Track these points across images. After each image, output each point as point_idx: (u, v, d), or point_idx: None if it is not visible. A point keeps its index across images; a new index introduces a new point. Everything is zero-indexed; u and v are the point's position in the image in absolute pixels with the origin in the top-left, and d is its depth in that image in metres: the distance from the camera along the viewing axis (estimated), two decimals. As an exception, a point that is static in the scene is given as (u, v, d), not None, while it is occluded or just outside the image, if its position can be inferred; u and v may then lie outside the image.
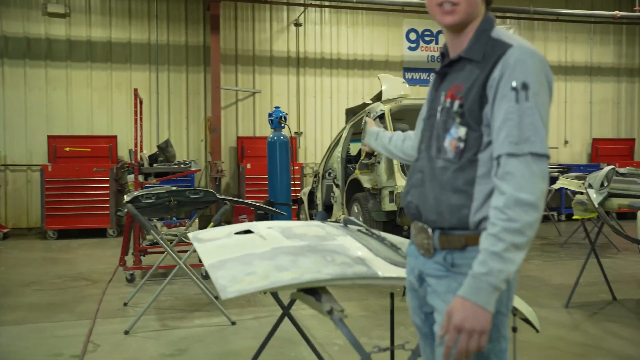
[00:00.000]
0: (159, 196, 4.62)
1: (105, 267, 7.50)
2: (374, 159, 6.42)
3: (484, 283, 1.41)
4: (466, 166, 1.54)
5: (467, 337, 1.40)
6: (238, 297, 5.21)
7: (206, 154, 11.58)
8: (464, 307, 1.41)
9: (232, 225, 2.76)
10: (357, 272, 1.92)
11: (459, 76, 1.59)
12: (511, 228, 1.40)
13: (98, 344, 4.26)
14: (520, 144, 1.43)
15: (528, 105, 1.44)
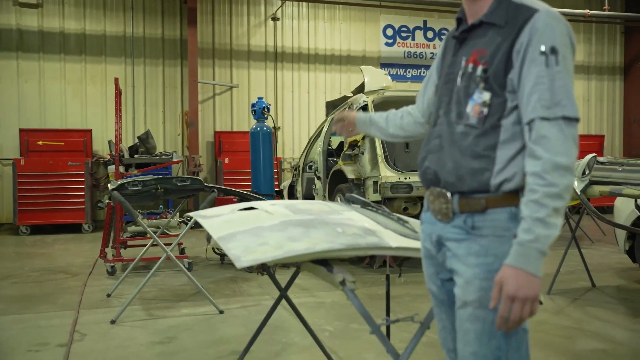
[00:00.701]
0: (146, 183, 4.56)
1: (83, 260, 7.38)
2: (357, 149, 6.45)
3: (532, 250, 1.40)
4: (489, 132, 1.53)
5: (521, 304, 1.41)
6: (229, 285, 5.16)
7: (183, 148, 11.47)
8: (516, 276, 1.41)
9: (234, 204, 2.75)
10: (369, 242, 1.93)
11: (480, 41, 1.58)
12: (552, 193, 1.40)
13: (84, 333, 4.19)
14: (552, 108, 1.42)
15: (558, 69, 1.44)
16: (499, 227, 1.54)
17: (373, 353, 3.64)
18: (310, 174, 8.28)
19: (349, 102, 6.96)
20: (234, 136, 11.41)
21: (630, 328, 4.21)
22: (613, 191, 4.67)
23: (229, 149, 11.25)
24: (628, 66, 14.60)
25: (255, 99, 11.75)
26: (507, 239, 1.52)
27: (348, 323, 4.30)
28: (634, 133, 14.44)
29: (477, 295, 1.53)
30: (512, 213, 1.53)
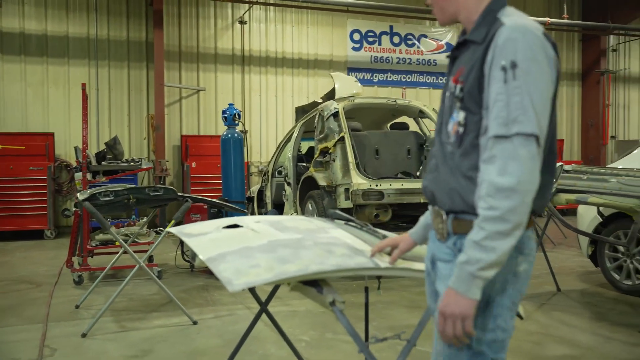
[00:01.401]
0: (118, 194, 4.48)
1: (47, 269, 7.20)
2: (328, 156, 6.48)
3: (464, 272, 1.43)
4: (470, 151, 1.52)
5: (451, 322, 1.45)
6: (201, 293, 5.10)
7: (149, 152, 11.31)
8: (447, 294, 1.47)
9: (217, 220, 2.73)
10: (358, 263, 1.95)
11: (464, 59, 1.58)
12: (491, 216, 1.39)
13: (55, 347, 4.10)
14: (508, 125, 1.40)
15: (516, 84, 1.40)
16: None
17: (350, 363, 3.67)
18: (279, 180, 8.28)
19: (319, 109, 6.99)
20: (201, 140, 11.31)
21: (596, 333, 4.35)
22: (579, 199, 4.82)
23: (196, 153, 11.15)
24: (585, 72, 15.05)
25: (222, 103, 11.71)
26: None
27: (323, 332, 4.32)
28: (591, 137, 14.90)
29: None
30: None
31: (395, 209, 6.39)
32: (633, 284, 5.45)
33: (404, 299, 5.35)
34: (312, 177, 6.67)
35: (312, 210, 6.68)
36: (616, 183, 4.56)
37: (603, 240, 4.91)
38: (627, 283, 5.52)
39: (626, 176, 4.60)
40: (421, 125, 7.64)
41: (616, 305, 5.17)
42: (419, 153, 7.08)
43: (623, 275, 5.57)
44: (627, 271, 5.52)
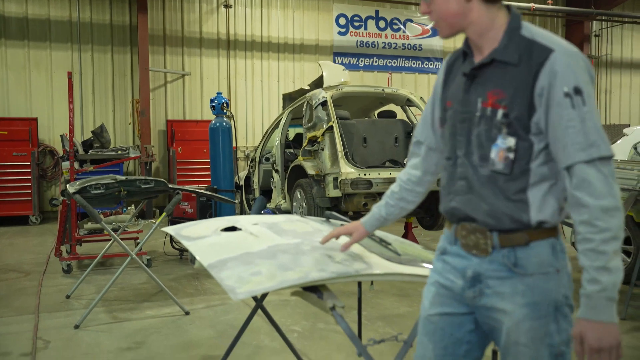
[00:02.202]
0: (109, 186, 4.48)
1: (34, 257, 7.19)
2: (317, 145, 6.51)
3: (602, 300, 1.42)
4: (519, 176, 1.53)
5: (609, 355, 1.43)
6: (191, 282, 5.13)
7: (134, 137, 11.23)
8: (594, 329, 1.42)
9: (214, 221, 2.76)
10: (358, 269, 2.00)
11: (494, 81, 1.55)
12: (607, 237, 1.41)
13: (48, 340, 4.11)
14: (587, 150, 1.42)
15: (586, 110, 1.43)
16: (543, 263, 1.55)
17: (343, 354, 3.74)
18: (267, 166, 8.29)
19: (307, 97, 6.99)
20: (187, 125, 11.26)
21: (579, 321, 4.47)
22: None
23: (182, 137, 11.10)
24: (569, 57, 15.16)
25: (207, 87, 11.66)
26: (551, 275, 1.55)
27: (315, 322, 4.40)
28: (574, 122, 15.07)
29: (530, 335, 1.55)
30: (553, 245, 1.56)
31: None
32: (614, 271, 5.59)
33: (393, 287, 5.44)
34: (301, 165, 6.70)
35: (301, 198, 6.72)
36: (600, 175, 4.66)
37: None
38: (609, 270, 5.65)
39: (610, 168, 4.70)
40: (408, 114, 7.70)
41: (598, 293, 5.30)
42: (406, 141, 7.13)
43: (605, 263, 5.70)
44: (608, 259, 5.66)
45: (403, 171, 1.95)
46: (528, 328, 1.54)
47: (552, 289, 1.54)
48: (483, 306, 1.62)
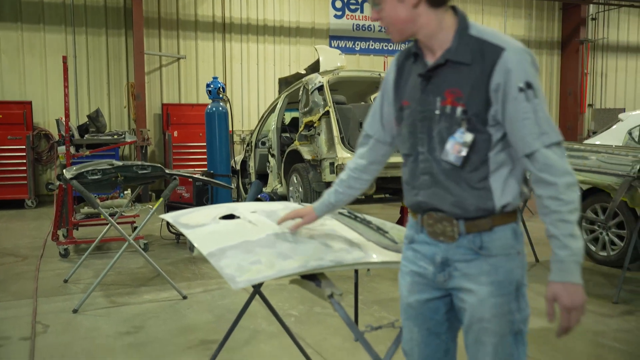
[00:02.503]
0: (105, 172, 4.48)
1: (30, 241, 7.20)
2: (313, 130, 6.51)
3: (572, 263, 1.58)
4: (479, 166, 1.64)
5: (577, 312, 1.58)
6: (188, 267, 5.16)
7: (130, 121, 11.20)
8: (566, 289, 1.58)
9: (210, 207, 2.78)
10: (355, 257, 2.03)
11: (450, 80, 1.64)
12: (572, 209, 1.58)
13: (47, 324, 4.15)
14: (541, 138, 1.58)
15: (537, 102, 1.58)
16: (506, 245, 1.67)
17: (339, 338, 3.79)
18: (263, 150, 8.31)
19: (303, 81, 6.98)
20: (182, 109, 11.23)
21: (572, 305, 4.53)
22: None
23: (177, 121, 11.08)
24: (565, 41, 15.16)
25: (203, 71, 11.61)
26: (513, 257, 1.68)
27: (311, 306, 4.44)
28: (569, 106, 15.11)
29: (493, 311, 1.67)
30: (514, 229, 1.69)
31: (379, 182, 6.48)
32: (607, 255, 5.67)
33: (389, 272, 5.49)
34: (297, 150, 6.72)
35: (297, 183, 6.74)
36: (596, 161, 4.69)
37: (582, 217, 5.07)
38: (602, 254, 5.73)
39: (605, 153, 4.73)
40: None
41: (591, 277, 5.37)
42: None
43: (599, 247, 5.77)
44: (602, 243, 5.73)
45: (351, 160, 2.06)
46: (492, 305, 1.66)
47: (514, 270, 1.67)
48: (453, 288, 1.74)
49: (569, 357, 3.51)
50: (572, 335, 3.89)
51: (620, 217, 5.42)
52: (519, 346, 1.71)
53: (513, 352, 1.70)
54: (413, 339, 1.85)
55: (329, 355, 3.53)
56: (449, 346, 1.84)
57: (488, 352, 1.68)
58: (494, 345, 1.68)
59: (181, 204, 6.92)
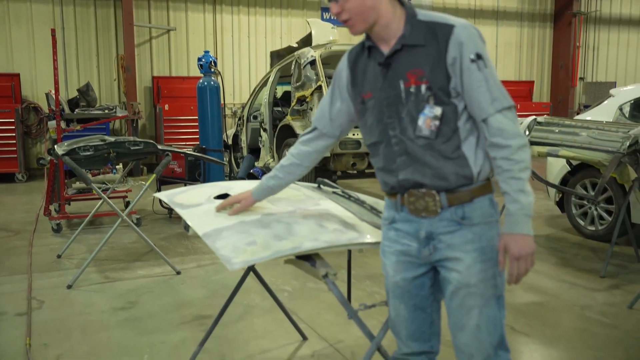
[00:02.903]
0: (97, 148, 4.47)
1: (23, 215, 7.19)
2: (305, 105, 6.49)
3: (522, 216, 1.69)
4: (451, 136, 1.75)
5: (525, 261, 1.71)
6: (181, 242, 5.17)
7: (120, 94, 11.09)
8: (515, 240, 1.71)
9: (205, 186, 2.79)
10: (350, 238, 2.06)
11: (409, 62, 1.75)
12: (522, 167, 1.70)
13: (42, 300, 4.18)
14: (493, 104, 1.70)
15: (488, 71, 1.70)
16: (485, 214, 1.79)
17: (332, 313, 3.85)
18: (255, 124, 8.28)
19: (296, 55, 6.93)
20: (173, 82, 11.12)
21: (561, 279, 4.62)
22: (550, 152, 4.99)
23: (168, 94, 10.98)
24: (558, 14, 15.07)
25: (193, 43, 11.48)
26: (493, 225, 1.82)
27: (305, 282, 4.49)
28: (561, 79, 15.10)
29: (479, 276, 1.78)
30: (491, 199, 1.82)
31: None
32: (596, 230, 5.75)
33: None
34: (290, 125, 6.70)
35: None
36: (586, 137, 4.72)
37: (571, 192, 5.13)
38: (591, 229, 5.81)
39: (596, 129, 4.75)
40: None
41: (580, 251, 5.46)
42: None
43: (587, 221, 5.85)
44: (591, 217, 5.81)
45: (293, 147, 2.15)
46: (478, 270, 1.77)
47: (494, 237, 1.79)
48: (438, 260, 1.83)
49: (556, 331, 3.59)
50: (559, 309, 3.98)
51: (609, 192, 5.49)
52: (500, 309, 1.83)
53: (496, 314, 1.81)
54: (400, 315, 1.94)
55: (322, 330, 3.59)
56: (434, 318, 1.94)
57: (473, 315, 1.79)
58: (479, 308, 1.78)
59: (173, 179, 6.93)
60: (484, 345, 1.80)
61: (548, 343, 3.42)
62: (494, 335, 1.80)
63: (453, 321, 1.84)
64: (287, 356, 3.24)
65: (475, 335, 1.79)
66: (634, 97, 5.82)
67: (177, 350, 3.31)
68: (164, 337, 3.50)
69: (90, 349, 3.34)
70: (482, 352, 1.80)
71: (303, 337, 3.46)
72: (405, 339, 1.96)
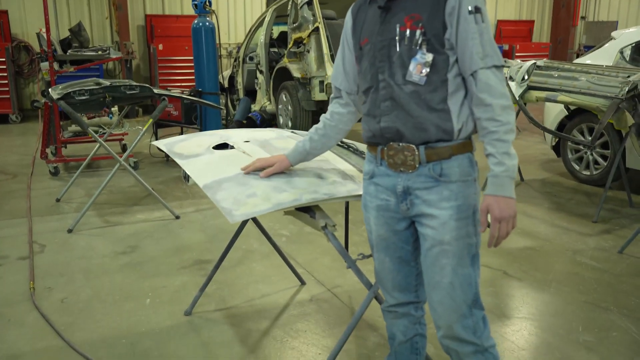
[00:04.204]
0: (93, 92, 4.42)
1: (19, 158, 7.19)
2: (302, 47, 6.38)
3: (505, 178, 1.70)
4: (439, 86, 1.73)
5: (507, 223, 1.72)
6: (179, 185, 5.20)
7: (112, 33, 10.85)
8: (498, 202, 1.71)
9: (204, 134, 2.79)
10: (349, 189, 2.08)
11: (408, 8, 1.74)
12: (507, 129, 1.70)
13: (43, 244, 4.24)
14: (485, 59, 1.70)
15: (484, 25, 1.71)
16: (464, 172, 1.78)
17: (329, 257, 3.93)
18: (251, 66, 8.16)
19: (292, -4, 6.75)
20: (167, 20, 10.87)
21: (554, 224, 4.70)
22: (548, 97, 4.96)
23: (162, 34, 10.76)
24: (562, -51, 14.62)
25: (187, -21, 11.11)
26: (470, 183, 1.79)
27: (302, 227, 4.55)
28: (562, 18, 14.81)
29: (453, 233, 1.76)
30: (470, 158, 1.81)
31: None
32: (590, 174, 5.80)
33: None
34: (286, 67, 6.61)
35: (286, 101, 6.69)
36: (585, 82, 4.68)
37: (568, 138, 5.13)
38: (586, 173, 5.86)
39: (595, 74, 4.71)
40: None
41: (574, 195, 5.52)
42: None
43: (582, 166, 5.89)
44: (586, 162, 5.85)
45: (328, 111, 2.11)
46: (453, 227, 1.76)
47: (471, 195, 1.79)
48: (415, 215, 1.83)
49: (547, 275, 3.68)
50: (552, 254, 4.07)
51: (605, 137, 5.51)
52: (475, 268, 1.83)
53: (470, 273, 1.81)
54: (385, 268, 1.97)
55: (319, 275, 3.67)
56: (420, 270, 1.94)
57: (447, 273, 1.79)
58: (452, 267, 1.78)
59: (170, 122, 6.89)
60: (458, 304, 1.80)
61: (539, 287, 3.51)
62: (468, 294, 1.80)
63: (427, 279, 1.85)
64: (286, 301, 3.32)
65: (448, 293, 1.79)
66: (636, 40, 5.74)
67: (179, 294, 3.39)
68: (165, 281, 3.58)
69: (93, 292, 3.42)
70: (456, 310, 1.80)
71: (301, 281, 3.54)
72: (391, 290, 1.99)
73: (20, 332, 2.96)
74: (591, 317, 3.13)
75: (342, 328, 2.97)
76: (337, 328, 3.00)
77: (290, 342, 2.87)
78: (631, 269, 3.79)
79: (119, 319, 3.10)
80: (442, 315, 1.82)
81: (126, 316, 3.13)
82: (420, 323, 2.06)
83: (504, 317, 3.13)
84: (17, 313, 3.16)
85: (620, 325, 3.03)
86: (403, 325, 2.04)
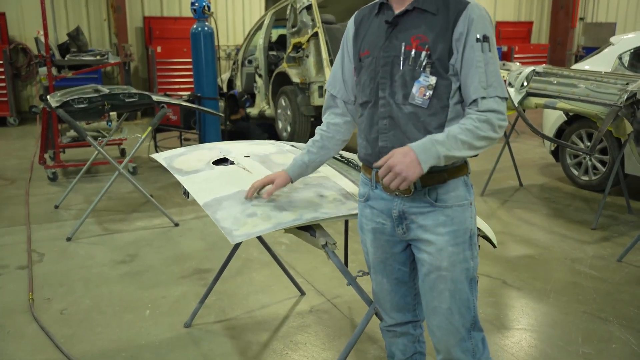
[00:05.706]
0: (92, 100, 4.41)
1: (17, 162, 7.17)
2: (302, 52, 6.38)
3: (433, 148, 1.60)
4: (439, 112, 1.70)
5: (393, 177, 1.60)
6: (178, 191, 5.17)
7: (111, 35, 10.83)
8: (405, 155, 1.59)
9: (203, 147, 2.78)
10: (350, 208, 2.08)
11: (415, 27, 1.71)
12: (482, 136, 1.65)
13: (42, 252, 4.23)
14: (487, 89, 1.67)
15: (491, 55, 1.69)
16: (459, 196, 1.76)
17: (329, 267, 3.92)
18: (250, 69, 8.16)
19: (291, 0, 6.75)
20: (165, 22, 10.85)
21: (553, 231, 4.70)
22: (547, 104, 4.96)
23: (160, 36, 10.74)
24: (561, -50, 14.61)
25: (186, -19, 11.08)
26: (466, 207, 1.78)
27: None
28: (560, 19, 14.80)
29: (451, 259, 1.75)
30: (465, 182, 1.79)
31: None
32: (589, 180, 5.81)
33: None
34: (285, 72, 6.60)
35: (285, 106, 6.68)
36: (584, 89, 4.69)
37: (567, 146, 5.12)
38: (585, 178, 5.87)
39: (594, 81, 4.72)
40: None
41: (572, 201, 5.53)
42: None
43: (581, 171, 5.90)
44: (585, 168, 5.85)
45: (323, 123, 2.06)
46: (450, 253, 1.75)
47: (467, 219, 1.77)
48: (411, 240, 1.82)
49: (546, 284, 3.69)
50: (551, 262, 4.08)
51: (603, 143, 5.51)
52: (473, 292, 1.81)
53: (469, 297, 1.80)
54: (383, 289, 1.97)
55: (319, 285, 3.67)
56: (417, 290, 1.93)
57: (445, 299, 1.78)
58: (450, 292, 1.77)
59: (169, 127, 6.88)
60: (457, 328, 1.79)
61: (538, 297, 3.52)
62: (467, 318, 1.80)
63: (425, 303, 1.84)
64: (286, 312, 3.33)
65: (447, 318, 1.79)
66: (634, 46, 5.74)
67: (178, 305, 3.39)
68: (165, 291, 3.58)
69: (93, 303, 3.42)
70: (455, 334, 1.80)
71: (301, 292, 3.54)
72: (390, 311, 1.99)
73: (20, 344, 2.96)
74: (590, 328, 3.14)
75: (342, 340, 2.97)
76: (337, 340, 3.00)
77: (290, 355, 2.87)
78: (630, 277, 3.80)
79: (118, 330, 3.10)
80: (440, 339, 1.82)
81: (126, 328, 3.13)
82: (419, 341, 2.07)
83: (504, 329, 3.14)
84: (16, 324, 3.15)
85: (619, 337, 3.04)
86: (402, 344, 2.04)
